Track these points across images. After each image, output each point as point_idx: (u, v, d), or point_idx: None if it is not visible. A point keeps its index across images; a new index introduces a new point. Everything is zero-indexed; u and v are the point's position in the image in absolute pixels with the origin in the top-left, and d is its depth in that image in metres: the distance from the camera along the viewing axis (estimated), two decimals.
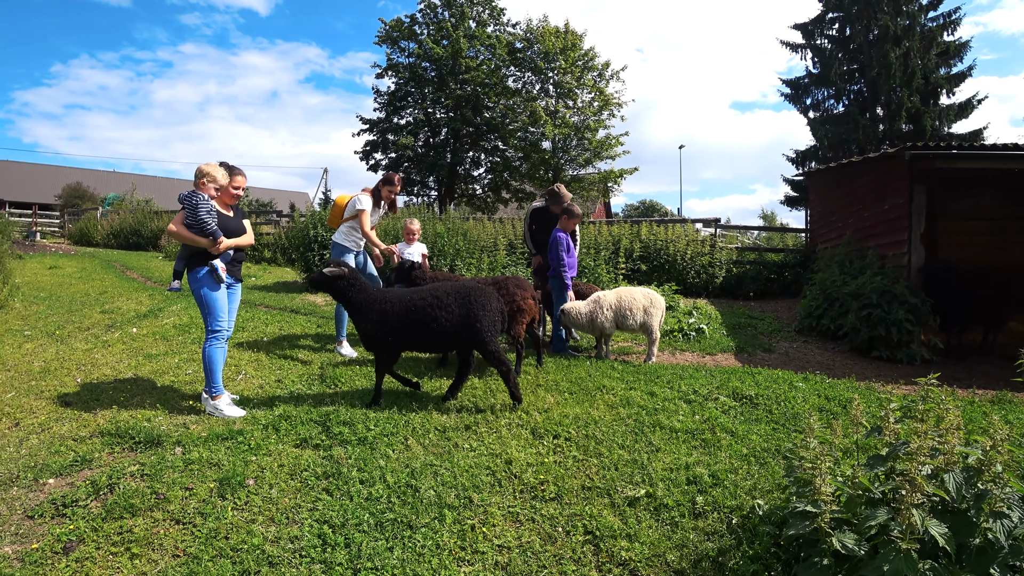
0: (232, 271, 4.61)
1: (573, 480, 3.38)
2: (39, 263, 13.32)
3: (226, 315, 4.52)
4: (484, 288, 4.65)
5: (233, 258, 4.61)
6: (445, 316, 4.44)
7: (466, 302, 4.48)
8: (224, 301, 4.49)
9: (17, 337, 6.85)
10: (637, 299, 6.02)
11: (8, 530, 3.03)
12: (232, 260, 4.60)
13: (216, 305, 4.44)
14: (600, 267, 9.32)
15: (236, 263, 4.66)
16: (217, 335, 4.47)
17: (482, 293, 4.57)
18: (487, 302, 4.51)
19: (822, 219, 11.47)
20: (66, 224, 25.17)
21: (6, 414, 4.49)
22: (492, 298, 4.59)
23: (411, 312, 4.45)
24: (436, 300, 4.49)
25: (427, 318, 4.43)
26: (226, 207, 4.65)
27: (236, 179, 4.63)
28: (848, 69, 21.06)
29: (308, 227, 11.46)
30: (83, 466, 3.64)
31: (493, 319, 4.50)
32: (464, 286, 4.62)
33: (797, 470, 2.58)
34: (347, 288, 4.49)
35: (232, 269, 4.60)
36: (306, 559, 2.71)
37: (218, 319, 4.46)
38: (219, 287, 4.44)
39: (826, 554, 2.30)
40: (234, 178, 4.61)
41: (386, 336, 4.45)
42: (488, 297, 4.57)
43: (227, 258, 4.50)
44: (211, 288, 4.42)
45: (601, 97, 22.87)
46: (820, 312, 7.92)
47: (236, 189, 4.64)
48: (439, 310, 4.44)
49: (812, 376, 5.51)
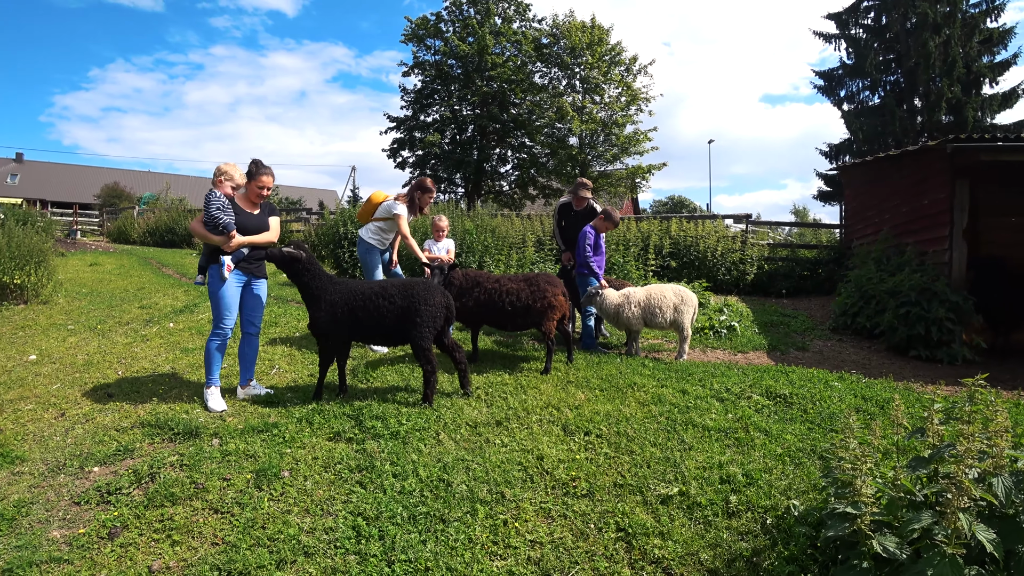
0: (251, 269, 4.63)
1: (605, 477, 3.37)
2: (80, 260, 13.78)
3: (233, 313, 4.55)
4: (429, 283, 4.69)
5: (251, 255, 4.61)
6: (388, 307, 4.47)
7: (409, 295, 4.52)
8: (232, 300, 4.52)
9: (61, 331, 7.10)
10: (667, 296, 5.96)
11: (56, 515, 3.15)
12: (250, 258, 4.60)
13: (222, 303, 4.49)
14: (629, 263, 9.24)
15: (255, 260, 4.66)
16: (219, 332, 4.54)
17: (426, 288, 4.61)
18: (430, 297, 4.54)
19: (857, 214, 11.18)
20: (105, 223, 26.03)
21: (52, 404, 4.67)
22: (436, 293, 4.62)
23: (356, 302, 4.49)
24: (382, 291, 4.54)
25: (372, 308, 4.47)
26: (251, 205, 4.68)
27: (262, 178, 4.61)
28: (884, 59, 20.46)
29: (338, 224, 11.62)
30: (125, 455, 3.77)
31: (434, 314, 4.52)
32: (410, 282, 4.68)
33: (836, 470, 2.53)
34: (302, 271, 4.49)
35: (251, 267, 4.63)
36: (341, 550, 2.76)
37: (223, 316, 4.52)
38: (226, 284, 4.46)
39: (866, 557, 2.26)
40: (259, 177, 4.60)
41: (332, 324, 4.50)
42: (432, 292, 4.60)
43: (239, 256, 4.51)
44: (219, 285, 4.46)
45: (628, 92, 22.67)
46: (856, 310, 7.73)
47: (261, 188, 4.63)
48: (383, 300, 4.49)
49: (848, 375, 5.39)
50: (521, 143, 26.32)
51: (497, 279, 5.48)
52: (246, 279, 4.64)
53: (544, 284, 5.36)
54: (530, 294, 5.28)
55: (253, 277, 4.69)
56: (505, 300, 5.28)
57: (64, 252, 14.67)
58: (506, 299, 5.28)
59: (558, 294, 5.35)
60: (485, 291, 5.36)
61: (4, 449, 3.86)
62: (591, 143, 22.70)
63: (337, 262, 11.22)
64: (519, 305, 5.27)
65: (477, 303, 5.36)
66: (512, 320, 5.40)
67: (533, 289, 5.32)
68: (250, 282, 4.68)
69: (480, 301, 5.34)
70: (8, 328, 7.38)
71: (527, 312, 5.30)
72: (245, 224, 4.53)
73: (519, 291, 5.29)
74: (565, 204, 7.20)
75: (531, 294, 5.28)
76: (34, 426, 4.27)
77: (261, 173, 4.60)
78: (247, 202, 4.67)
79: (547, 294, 5.30)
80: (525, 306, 5.27)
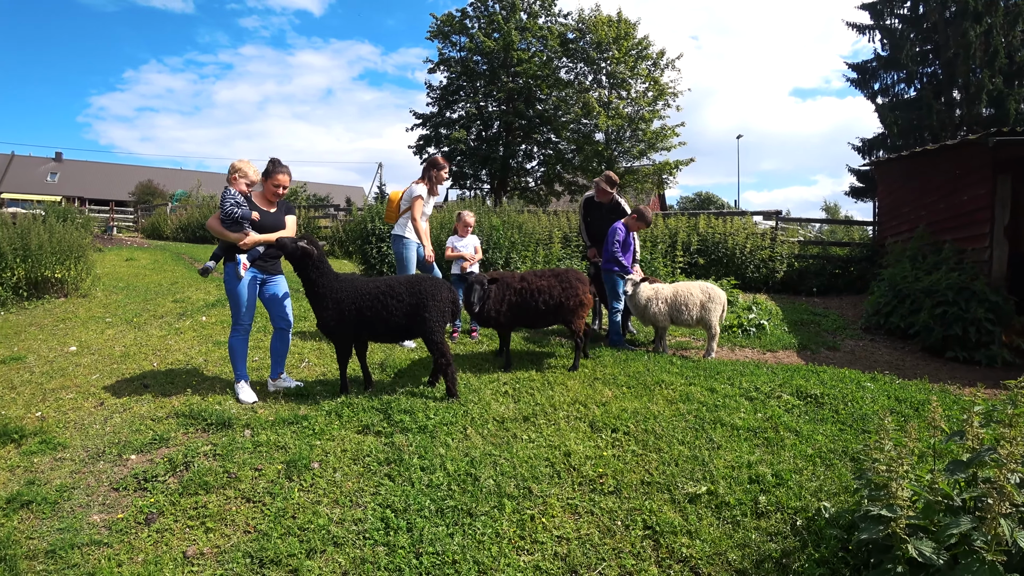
0: (267, 267, 4.68)
1: (632, 474, 3.36)
2: (116, 256, 14.19)
3: (250, 311, 4.62)
4: (436, 279, 4.70)
5: (267, 253, 4.64)
6: (395, 305, 4.47)
7: (417, 292, 4.52)
8: (247, 297, 4.59)
9: (100, 324, 7.32)
10: (694, 294, 5.91)
11: (96, 500, 3.27)
12: (266, 256, 4.64)
13: (238, 300, 4.56)
14: (657, 260, 9.17)
15: (271, 258, 4.70)
16: (237, 328, 4.64)
17: (433, 283, 4.61)
18: (437, 292, 4.55)
19: (891, 211, 10.89)
20: (139, 219, 26.74)
21: (92, 394, 4.82)
22: (443, 288, 4.64)
23: (364, 301, 4.48)
24: (388, 289, 4.53)
25: (379, 306, 4.47)
26: (268, 203, 4.71)
27: (278, 176, 4.63)
28: (921, 50, 19.78)
29: (366, 220, 11.75)
30: (161, 444, 3.88)
31: (442, 309, 4.54)
32: (416, 277, 4.69)
33: (870, 472, 2.48)
34: (311, 267, 4.47)
35: (267, 264, 4.67)
36: (369, 541, 2.80)
37: (239, 314, 4.60)
38: (242, 282, 4.51)
39: (900, 561, 2.21)
40: (275, 176, 4.62)
41: (339, 323, 4.51)
42: (439, 287, 4.61)
43: (255, 254, 4.55)
44: (235, 283, 4.51)
45: (656, 87, 22.41)
46: (889, 309, 7.54)
47: (277, 186, 4.65)
48: (390, 298, 4.49)
49: (881, 376, 5.26)
50: (547, 139, 26.23)
51: (524, 277, 5.39)
52: (263, 277, 4.70)
53: (575, 280, 5.32)
54: (562, 291, 5.21)
55: (269, 275, 4.73)
56: (538, 300, 5.20)
57: (101, 248, 15.11)
58: (539, 298, 5.20)
59: (587, 291, 5.34)
60: (516, 292, 5.24)
61: (47, 436, 4.01)
62: (617, 139, 22.49)
63: (365, 258, 11.33)
64: (552, 303, 5.21)
65: (510, 306, 5.23)
66: (544, 318, 5.36)
67: (565, 286, 5.25)
68: (267, 280, 4.74)
69: (512, 304, 5.23)
70: (50, 320, 7.64)
71: (559, 309, 5.25)
72: (261, 222, 4.59)
73: (551, 288, 5.22)
74: (590, 198, 7.16)
75: (563, 291, 5.22)
76: (75, 414, 4.42)
77: (277, 172, 4.63)
78: (263, 200, 4.71)
79: (577, 291, 5.26)
80: (558, 303, 5.21)
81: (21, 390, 4.97)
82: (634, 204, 6.70)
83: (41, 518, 3.09)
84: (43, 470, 3.59)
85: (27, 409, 4.54)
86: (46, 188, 42.46)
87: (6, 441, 3.96)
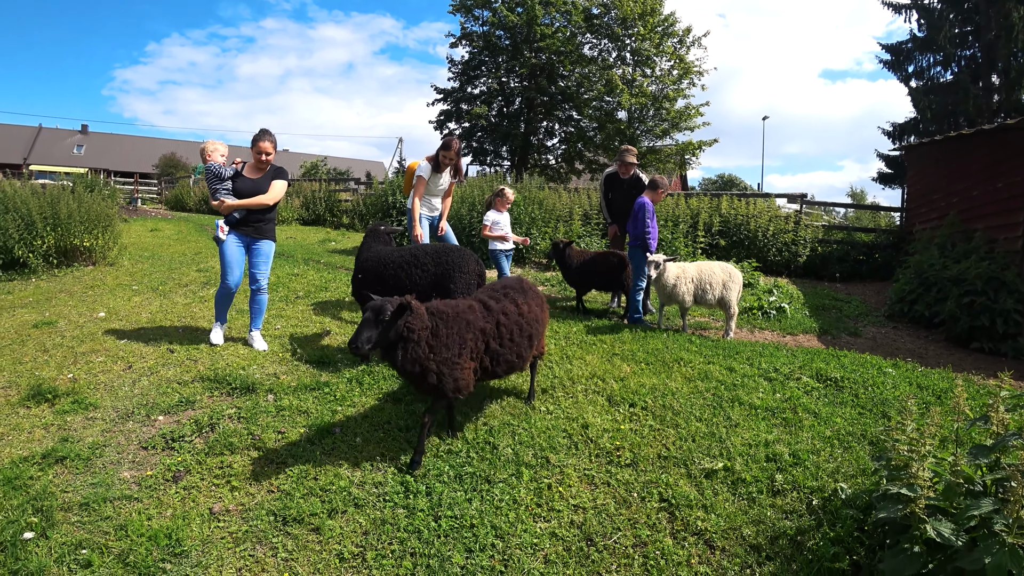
0: (248, 231, 4.97)
1: (649, 448, 3.38)
2: (141, 226, 14.44)
3: (233, 270, 4.96)
4: (463, 250, 4.79)
5: (248, 218, 4.94)
6: (420, 275, 4.68)
7: (443, 262, 4.64)
8: (230, 257, 4.93)
9: (127, 291, 7.49)
10: (717, 274, 5.87)
11: (126, 458, 3.37)
12: (247, 220, 4.94)
13: (222, 260, 4.97)
14: (678, 240, 9.07)
15: (248, 224, 4.96)
16: (223, 284, 5.05)
17: (461, 255, 4.68)
18: (464, 264, 4.62)
19: (921, 198, 10.64)
20: (163, 191, 27.11)
21: (121, 358, 4.95)
22: (471, 260, 4.69)
23: (387, 270, 4.75)
24: (413, 259, 4.70)
25: (403, 276, 4.65)
26: (256, 171, 5.01)
27: (259, 144, 4.88)
28: (960, 32, 19.05)
29: (387, 194, 11.80)
30: (187, 407, 3.98)
31: (468, 281, 4.60)
32: (443, 248, 4.84)
33: (890, 452, 2.47)
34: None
35: (248, 228, 4.97)
36: (389, 503, 2.87)
37: (223, 272, 4.99)
38: (223, 244, 4.90)
39: (917, 541, 2.21)
40: (257, 143, 4.88)
41: (369, 288, 4.67)
42: (466, 259, 4.66)
43: (231, 219, 4.89)
44: (221, 245, 4.93)
45: (681, 65, 21.94)
46: (914, 297, 7.40)
47: (259, 153, 4.90)
48: (415, 268, 4.66)
49: (903, 363, 5.20)
50: (568, 116, 25.91)
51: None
52: (247, 240, 5.01)
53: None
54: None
55: (252, 239, 5.02)
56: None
57: (127, 218, 15.35)
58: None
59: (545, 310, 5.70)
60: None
61: (78, 396, 4.13)
62: (640, 117, 22.13)
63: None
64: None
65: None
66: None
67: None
68: (251, 244, 5.03)
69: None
70: (79, 287, 7.83)
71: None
72: (241, 188, 4.90)
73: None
74: (611, 174, 7.09)
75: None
76: (104, 377, 4.55)
77: (259, 140, 4.88)
78: (253, 168, 5.00)
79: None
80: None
81: (53, 353, 5.11)
82: (651, 175, 6.66)
83: (75, 473, 3.20)
84: (75, 428, 3.71)
85: (59, 371, 4.67)
86: (72, 160, 43.09)
87: (40, 401, 4.09)
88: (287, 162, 41.16)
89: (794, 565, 2.48)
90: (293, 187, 19.06)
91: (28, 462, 3.26)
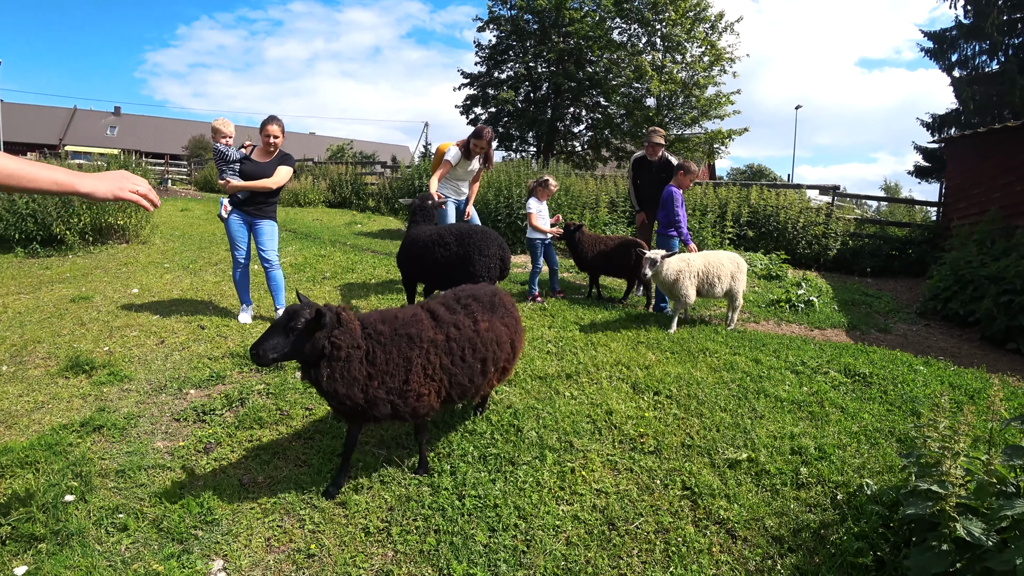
0: (251, 210, 5.25)
1: (673, 436, 3.38)
2: (172, 206, 14.75)
3: (239, 247, 5.31)
4: (487, 232, 4.92)
5: (248, 199, 5.21)
6: (443, 254, 4.91)
7: (465, 244, 4.78)
8: (235, 235, 5.28)
9: (158, 269, 7.68)
10: (725, 265, 5.62)
11: (159, 428, 3.48)
12: (246, 201, 5.21)
13: (228, 237, 5.34)
14: (706, 230, 8.94)
15: (251, 204, 5.23)
16: (234, 262, 5.38)
17: (483, 236, 4.80)
18: (485, 247, 4.74)
19: (960, 192, 10.32)
20: (192, 172, 27.59)
21: (153, 332, 5.09)
22: (492, 243, 4.79)
23: (417, 247, 5.09)
24: (439, 238, 4.90)
25: (427, 254, 4.90)
26: (264, 155, 5.26)
27: (266, 127, 5.12)
28: (1008, 19, 18.24)
29: (413, 177, 11.86)
30: (218, 381, 4.09)
31: (488, 264, 4.72)
32: (467, 229, 5.00)
33: (921, 449, 2.43)
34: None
35: (251, 208, 5.24)
36: (414, 480, 2.91)
37: (231, 248, 5.35)
38: (227, 222, 5.24)
39: (946, 540, 2.17)
40: (264, 127, 5.12)
41: (403, 263, 5.28)
42: (488, 241, 4.77)
43: (235, 199, 5.20)
44: (226, 223, 5.26)
45: (712, 51, 21.43)
46: (949, 294, 7.22)
47: (267, 136, 5.13)
48: (439, 247, 4.88)
49: (935, 361, 5.08)
50: (596, 103, 25.61)
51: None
52: (249, 220, 5.30)
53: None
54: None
55: (255, 218, 5.30)
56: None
57: None
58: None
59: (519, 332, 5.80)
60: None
61: (114, 369, 4.27)
62: (669, 104, 21.72)
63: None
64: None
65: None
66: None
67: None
68: (253, 223, 5.31)
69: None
70: (113, 264, 8.05)
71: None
72: (248, 171, 5.16)
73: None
74: (640, 158, 7.02)
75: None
76: (138, 350, 4.69)
77: (267, 124, 5.15)
78: (261, 152, 5.23)
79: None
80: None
81: (90, 326, 5.27)
82: (679, 159, 6.54)
83: (111, 441, 3.31)
84: (111, 399, 3.84)
85: (96, 344, 4.82)
86: (106, 141, 44.06)
87: (78, 372, 4.23)
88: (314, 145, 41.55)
89: (817, 558, 2.46)
90: (320, 169, 19.24)
91: (67, 429, 3.39)
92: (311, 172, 18.91)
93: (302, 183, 17.29)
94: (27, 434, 3.38)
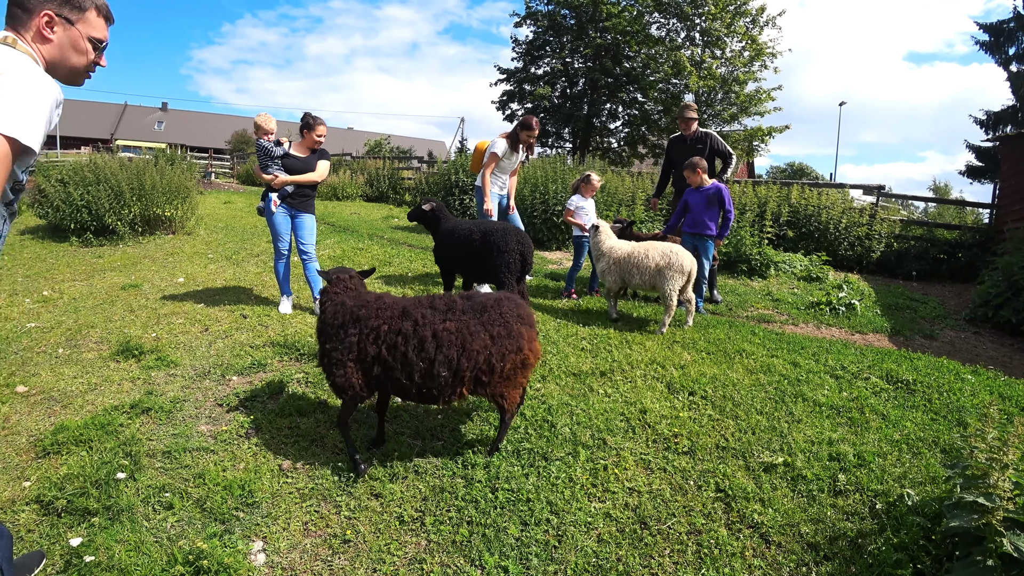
0: (295, 204, 5.46)
1: (707, 438, 3.35)
2: (215, 199, 15.21)
3: (283, 239, 5.48)
4: (507, 227, 5.10)
5: (294, 193, 5.42)
6: (467, 248, 5.17)
7: (486, 241, 5.03)
8: (280, 227, 5.44)
9: (203, 259, 7.94)
10: (650, 257, 5.17)
11: (203, 413, 3.61)
12: (295, 194, 5.43)
13: (273, 231, 5.48)
14: (744, 229, 8.76)
15: (296, 197, 5.45)
16: (277, 253, 5.54)
17: (503, 233, 5.01)
18: (504, 244, 4.97)
19: (1016, 194, 9.86)
20: (235, 166, 28.34)
21: (198, 320, 5.27)
22: (512, 239, 4.99)
23: (450, 240, 5.34)
24: (468, 233, 5.15)
25: (454, 247, 5.26)
26: (305, 151, 5.51)
27: (319, 128, 5.44)
28: None
29: (450, 172, 11.95)
30: (259, 369, 4.22)
31: (507, 260, 4.95)
32: (489, 226, 5.18)
33: (967, 460, 2.35)
34: (432, 219, 5.55)
35: (295, 202, 5.45)
36: (448, 472, 2.96)
37: (275, 241, 5.49)
38: (274, 216, 5.39)
39: (992, 555, 2.11)
40: (316, 128, 5.42)
41: (440, 260, 5.54)
42: (508, 237, 4.99)
43: (284, 193, 5.38)
44: (270, 216, 5.42)
45: (753, 46, 20.98)
46: (1000, 301, 6.92)
47: (319, 137, 5.45)
48: (465, 243, 5.12)
49: (984, 370, 4.88)
50: (633, 99, 25.34)
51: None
52: (293, 213, 5.48)
53: (514, 322, 6.21)
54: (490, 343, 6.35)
55: (298, 212, 5.49)
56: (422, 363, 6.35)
57: (202, 191, 16.23)
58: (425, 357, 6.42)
59: (532, 339, 5.82)
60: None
61: (161, 354, 4.44)
62: (708, 101, 21.34)
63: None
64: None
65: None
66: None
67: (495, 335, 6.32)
68: (295, 216, 5.50)
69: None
70: (161, 254, 8.35)
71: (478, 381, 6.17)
72: (292, 166, 5.40)
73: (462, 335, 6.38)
74: (674, 138, 6.98)
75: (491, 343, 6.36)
76: (184, 337, 4.86)
77: (318, 124, 5.43)
78: (302, 148, 5.52)
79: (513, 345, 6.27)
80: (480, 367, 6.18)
81: (139, 313, 5.49)
82: (708, 134, 6.48)
83: (158, 423, 3.46)
84: (159, 383, 4.00)
85: (144, 330, 5.02)
86: (153, 136, 45.61)
87: (128, 356, 4.43)
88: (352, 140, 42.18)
89: (853, 568, 2.41)
90: (358, 164, 19.53)
91: (118, 411, 3.55)
92: (349, 167, 19.20)
93: (340, 177, 17.58)
94: (81, 414, 3.55)
